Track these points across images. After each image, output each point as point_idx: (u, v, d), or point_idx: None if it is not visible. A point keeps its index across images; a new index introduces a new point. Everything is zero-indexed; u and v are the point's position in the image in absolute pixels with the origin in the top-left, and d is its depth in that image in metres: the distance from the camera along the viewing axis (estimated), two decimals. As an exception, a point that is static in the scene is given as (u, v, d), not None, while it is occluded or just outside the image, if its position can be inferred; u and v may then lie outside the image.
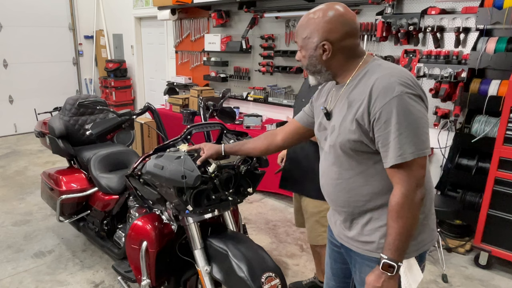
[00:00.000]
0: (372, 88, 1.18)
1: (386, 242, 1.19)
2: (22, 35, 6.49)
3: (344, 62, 1.28)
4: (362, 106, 1.19)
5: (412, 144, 1.13)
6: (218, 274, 1.72)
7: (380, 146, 1.19)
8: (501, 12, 2.66)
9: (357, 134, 1.21)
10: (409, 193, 1.16)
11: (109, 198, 2.56)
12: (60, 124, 2.82)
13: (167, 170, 1.60)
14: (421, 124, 1.15)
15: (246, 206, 3.85)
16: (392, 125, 1.13)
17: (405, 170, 1.15)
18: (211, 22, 5.17)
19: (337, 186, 1.34)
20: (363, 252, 1.33)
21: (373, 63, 1.27)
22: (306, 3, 3.99)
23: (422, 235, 1.29)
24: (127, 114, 2.11)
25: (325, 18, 1.23)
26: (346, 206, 1.34)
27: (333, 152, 1.33)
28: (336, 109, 1.32)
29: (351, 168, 1.29)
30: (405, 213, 1.16)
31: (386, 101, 1.14)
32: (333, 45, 1.24)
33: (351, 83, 1.27)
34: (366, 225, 1.31)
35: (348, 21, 1.24)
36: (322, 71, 1.30)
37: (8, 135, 6.56)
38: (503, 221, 2.69)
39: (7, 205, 3.81)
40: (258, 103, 4.86)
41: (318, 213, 2.07)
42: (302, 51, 1.31)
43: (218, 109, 2.28)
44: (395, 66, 1.24)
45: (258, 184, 1.90)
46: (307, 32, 1.26)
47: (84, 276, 2.70)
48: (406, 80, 1.16)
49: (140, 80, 7.15)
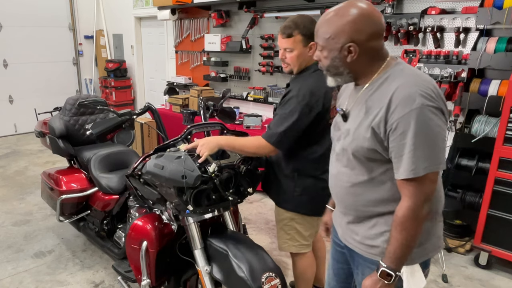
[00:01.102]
0: (392, 96, 1.13)
1: (387, 251, 1.19)
2: (22, 35, 6.49)
3: (367, 64, 1.22)
4: (380, 114, 1.15)
5: (426, 159, 1.11)
6: (218, 274, 1.72)
7: (393, 156, 1.16)
8: (501, 12, 2.66)
9: (371, 142, 1.18)
10: (416, 207, 1.14)
11: (109, 198, 2.56)
12: (60, 124, 2.82)
13: (167, 170, 1.61)
14: (438, 139, 1.12)
15: (246, 206, 3.85)
16: (408, 137, 1.10)
17: (416, 184, 1.13)
18: (211, 22, 5.17)
19: (345, 189, 1.33)
20: (366, 255, 1.32)
21: (395, 67, 1.21)
22: (306, 3, 3.99)
23: (428, 243, 1.27)
24: (127, 114, 2.11)
25: (351, 17, 1.15)
26: (353, 209, 1.33)
27: (345, 156, 1.30)
28: (352, 112, 1.27)
29: (362, 173, 1.26)
30: (409, 226, 1.15)
31: (405, 112, 1.10)
32: (359, 46, 1.17)
33: (370, 86, 1.22)
34: (371, 229, 1.29)
35: (375, 20, 1.17)
36: (343, 73, 1.24)
37: (8, 135, 6.56)
38: (503, 221, 2.69)
39: (7, 205, 3.81)
40: (258, 103, 4.86)
41: (281, 220, 2.03)
42: (324, 52, 1.23)
43: (218, 109, 2.28)
44: (418, 73, 1.18)
45: (258, 184, 1.90)
46: (331, 32, 1.18)
47: (84, 276, 2.70)
48: (428, 91, 1.11)
49: (140, 80, 7.15)
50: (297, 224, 2.00)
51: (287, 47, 1.82)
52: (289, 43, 1.81)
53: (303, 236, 2.02)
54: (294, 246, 2.05)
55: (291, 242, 2.04)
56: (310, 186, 1.92)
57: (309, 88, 1.77)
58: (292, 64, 1.86)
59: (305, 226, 2.01)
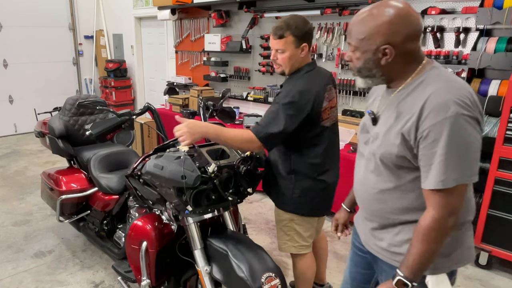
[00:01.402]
0: (425, 102, 1.08)
1: (406, 259, 1.16)
2: (22, 35, 6.49)
3: (402, 67, 1.17)
4: (411, 121, 1.10)
5: (457, 170, 1.06)
6: (218, 274, 1.72)
7: (421, 165, 1.12)
8: (501, 12, 2.66)
9: (400, 148, 1.14)
10: (441, 219, 1.10)
11: (109, 198, 2.56)
12: (60, 124, 2.82)
13: (167, 170, 1.61)
14: (472, 149, 1.06)
15: (246, 206, 3.85)
16: (440, 147, 1.05)
17: (443, 196, 1.09)
18: (211, 22, 5.17)
19: (372, 195, 1.29)
20: (391, 262, 1.29)
21: (431, 71, 1.15)
22: (306, 3, 3.99)
23: (457, 252, 1.22)
24: (127, 114, 2.11)
25: (387, 17, 1.10)
26: (378, 216, 1.30)
27: (372, 161, 1.26)
28: (383, 115, 1.23)
29: (389, 180, 1.22)
30: (432, 238, 1.11)
31: (438, 120, 1.05)
32: (395, 49, 1.12)
33: (403, 90, 1.17)
34: (396, 236, 1.26)
35: (412, 21, 1.11)
36: (376, 75, 1.19)
37: (8, 135, 6.56)
38: (503, 221, 2.69)
39: (7, 205, 3.81)
40: (258, 103, 4.86)
41: (281, 221, 2.04)
42: (356, 53, 1.18)
43: (218, 109, 2.28)
44: (454, 80, 1.12)
45: (258, 184, 1.90)
46: (365, 32, 1.13)
47: (84, 276, 2.70)
48: (464, 99, 1.06)
49: (140, 80, 7.15)
50: (296, 225, 2.00)
51: (278, 48, 1.81)
52: (280, 44, 1.79)
53: (302, 237, 2.03)
54: (293, 247, 2.05)
55: (290, 243, 2.05)
56: (308, 187, 1.92)
57: (298, 90, 1.76)
58: (283, 65, 1.85)
59: (304, 227, 2.01)
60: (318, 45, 4.09)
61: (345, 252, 3.03)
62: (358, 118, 3.65)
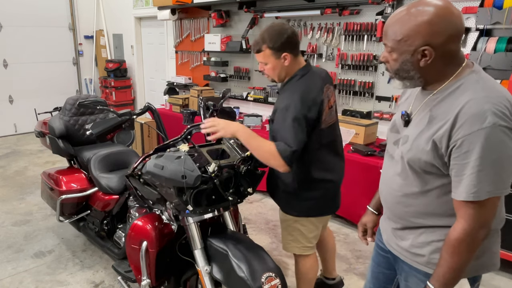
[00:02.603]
0: (460, 110, 1.03)
1: (436, 273, 1.14)
2: (22, 35, 6.49)
3: (442, 69, 1.11)
4: (444, 128, 1.06)
5: (491, 183, 1.02)
6: (218, 274, 1.72)
7: (453, 175, 1.08)
8: (501, 12, 2.66)
9: (430, 156, 1.10)
10: (472, 232, 1.07)
11: (109, 198, 2.56)
12: (60, 124, 2.82)
13: (167, 170, 1.60)
14: (507, 162, 1.02)
15: (246, 206, 3.85)
16: (473, 158, 1.01)
17: (475, 208, 1.05)
18: (211, 22, 5.17)
19: (396, 198, 1.27)
20: (411, 263, 1.28)
21: (470, 76, 1.10)
22: (306, 3, 3.99)
23: (482, 259, 1.20)
24: (127, 114, 2.11)
25: (427, 17, 1.04)
26: (402, 219, 1.28)
27: (400, 163, 1.23)
28: (415, 118, 1.19)
29: (416, 185, 1.19)
30: (463, 251, 1.08)
31: (473, 130, 1.00)
32: (435, 50, 1.06)
33: (439, 94, 1.13)
34: (418, 237, 1.24)
35: (454, 21, 1.05)
36: (414, 77, 1.14)
37: (8, 135, 6.56)
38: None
39: (7, 205, 3.81)
40: (258, 103, 4.86)
41: (285, 221, 2.04)
42: (393, 54, 1.13)
43: (218, 109, 2.28)
44: (493, 87, 1.07)
45: (258, 184, 1.90)
46: (403, 33, 1.08)
47: (84, 276, 2.70)
48: (503, 109, 1.01)
49: (140, 80, 7.15)
50: (301, 226, 2.00)
51: (260, 61, 1.88)
52: (260, 57, 1.86)
53: (306, 238, 2.02)
54: (297, 248, 2.05)
55: (294, 243, 2.05)
56: (316, 189, 1.91)
57: (299, 97, 1.75)
58: (271, 75, 1.91)
59: (309, 228, 2.00)
60: (318, 45, 4.09)
61: (345, 252, 3.03)
62: (358, 118, 3.66)
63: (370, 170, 3.09)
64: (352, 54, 3.78)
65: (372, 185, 3.12)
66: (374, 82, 3.71)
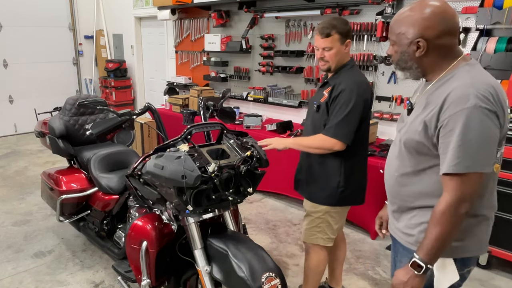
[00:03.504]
0: (448, 95, 1.17)
1: (422, 243, 1.24)
2: (22, 35, 6.49)
3: (437, 61, 1.26)
4: (434, 111, 1.20)
5: (470, 158, 1.13)
6: (218, 274, 1.72)
7: (440, 152, 1.20)
8: (501, 12, 2.66)
9: (421, 135, 1.24)
10: (453, 204, 1.17)
11: (109, 198, 2.56)
12: (60, 124, 2.82)
13: (167, 170, 1.60)
14: (487, 141, 1.13)
15: (246, 206, 3.85)
16: (456, 134, 1.13)
17: (456, 181, 1.16)
18: (211, 22, 5.17)
19: (393, 178, 1.40)
20: (404, 243, 1.40)
21: (462, 68, 1.23)
22: (306, 3, 3.99)
23: (465, 242, 1.28)
24: (127, 114, 2.11)
25: (423, 14, 1.21)
26: (398, 199, 1.40)
27: (398, 146, 1.37)
28: (416, 106, 1.34)
29: (410, 165, 1.32)
30: (444, 222, 1.18)
31: (456, 110, 1.13)
32: (428, 42, 1.21)
33: (436, 84, 1.26)
34: (411, 219, 1.36)
35: (448, 18, 1.20)
36: (412, 67, 1.30)
37: (8, 135, 6.57)
38: (503, 221, 2.69)
39: (7, 205, 3.81)
40: (258, 103, 4.86)
41: (315, 213, 2.10)
42: (395, 47, 1.31)
43: (218, 109, 2.28)
44: (482, 77, 1.20)
45: (258, 184, 1.90)
46: (403, 27, 1.25)
47: (84, 276, 2.70)
48: (486, 94, 1.13)
49: (140, 80, 7.15)
50: (330, 217, 2.07)
51: (325, 46, 1.95)
52: (327, 42, 1.94)
53: (332, 229, 2.11)
54: (322, 239, 2.12)
55: (320, 234, 2.11)
56: (353, 178, 2.03)
57: (355, 80, 1.94)
58: (331, 61, 1.98)
59: (336, 219, 2.09)
60: (318, 45, 4.08)
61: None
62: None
63: (370, 170, 3.05)
64: (352, 54, 3.78)
65: (372, 185, 3.12)
66: (374, 82, 3.71)
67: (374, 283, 2.67)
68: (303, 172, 2.16)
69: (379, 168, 3.03)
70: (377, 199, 3.10)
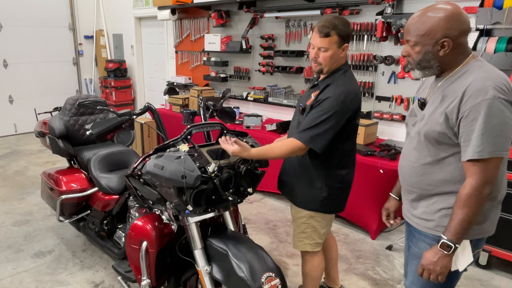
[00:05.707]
0: (467, 88, 1.28)
1: (449, 225, 1.34)
2: (22, 35, 6.49)
3: (455, 58, 1.37)
4: (454, 103, 1.30)
5: (492, 144, 1.25)
6: (218, 274, 1.72)
7: (462, 141, 1.31)
8: (501, 12, 2.66)
9: (443, 126, 1.34)
10: (478, 187, 1.28)
11: (109, 198, 2.56)
12: (60, 124, 2.82)
13: (167, 170, 1.61)
14: (505, 128, 1.26)
15: (246, 206, 3.85)
16: (478, 124, 1.25)
17: (480, 166, 1.28)
18: (211, 22, 5.17)
19: (413, 169, 1.49)
20: (421, 229, 1.49)
21: (475, 63, 1.35)
22: (306, 3, 3.99)
23: (483, 224, 1.41)
24: (127, 114, 2.11)
25: (446, 16, 1.31)
26: (417, 188, 1.49)
27: (417, 138, 1.46)
28: (430, 100, 1.43)
29: (430, 155, 1.42)
30: (471, 204, 1.30)
31: (477, 102, 1.25)
32: (452, 41, 1.32)
33: (450, 78, 1.38)
34: (431, 206, 1.45)
35: (465, 19, 1.32)
36: (433, 66, 1.39)
37: (8, 135, 6.56)
38: (503, 221, 2.68)
39: (7, 205, 3.81)
40: (258, 103, 4.86)
41: (299, 218, 2.06)
42: (416, 47, 1.38)
43: (218, 109, 2.28)
44: (494, 70, 1.32)
45: (258, 184, 1.90)
46: (426, 28, 1.33)
47: (84, 276, 2.70)
48: (501, 86, 1.25)
49: (140, 80, 7.15)
50: (315, 222, 2.03)
51: (322, 46, 1.84)
52: (325, 42, 1.83)
53: (319, 234, 2.07)
54: (309, 245, 2.09)
55: (307, 240, 2.08)
56: (335, 185, 1.97)
57: (344, 88, 1.83)
58: (324, 63, 1.88)
59: (322, 224, 2.05)
60: (318, 45, 4.08)
61: (345, 252, 3.03)
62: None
63: (370, 170, 3.09)
64: (352, 54, 3.78)
65: (372, 185, 3.13)
66: (374, 82, 3.71)
67: (374, 283, 2.67)
68: (287, 173, 2.10)
69: (379, 168, 3.03)
70: (377, 199, 3.10)
